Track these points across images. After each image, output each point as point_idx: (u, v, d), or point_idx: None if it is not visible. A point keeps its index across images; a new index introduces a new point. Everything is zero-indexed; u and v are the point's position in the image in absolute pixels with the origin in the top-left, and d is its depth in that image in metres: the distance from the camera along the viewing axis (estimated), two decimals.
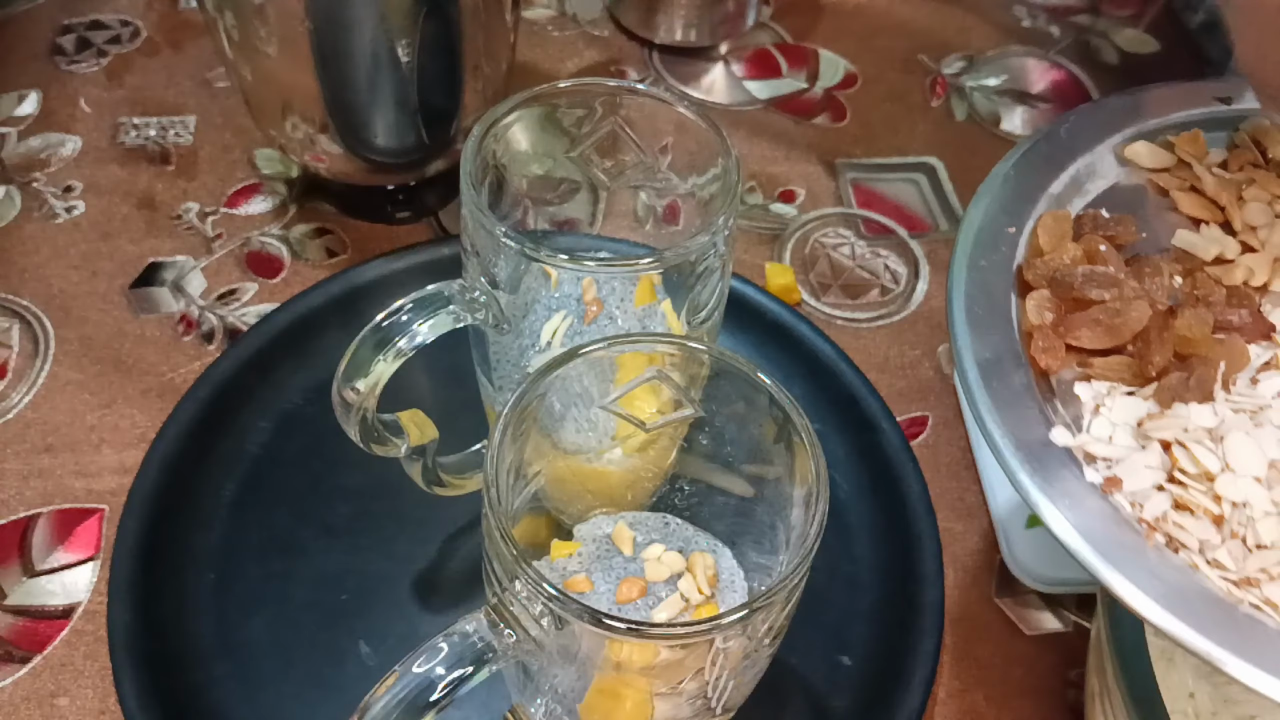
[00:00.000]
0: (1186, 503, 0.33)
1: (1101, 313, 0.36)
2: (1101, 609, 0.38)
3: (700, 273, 0.39)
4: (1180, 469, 0.33)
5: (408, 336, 0.38)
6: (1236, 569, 0.31)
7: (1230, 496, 0.32)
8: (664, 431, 0.39)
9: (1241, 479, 0.32)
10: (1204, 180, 0.41)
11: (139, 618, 0.43)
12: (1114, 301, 0.36)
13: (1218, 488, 0.32)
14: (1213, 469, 0.33)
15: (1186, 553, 0.32)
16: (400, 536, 0.47)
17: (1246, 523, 0.32)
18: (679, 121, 0.41)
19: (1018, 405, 0.34)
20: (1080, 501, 0.32)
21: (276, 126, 0.53)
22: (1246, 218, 0.41)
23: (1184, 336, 0.35)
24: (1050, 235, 0.39)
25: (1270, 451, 0.33)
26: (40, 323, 0.54)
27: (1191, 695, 0.40)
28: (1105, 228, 0.39)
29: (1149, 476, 0.33)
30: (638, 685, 0.34)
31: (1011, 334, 0.36)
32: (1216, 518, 0.32)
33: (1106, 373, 0.36)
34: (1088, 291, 0.36)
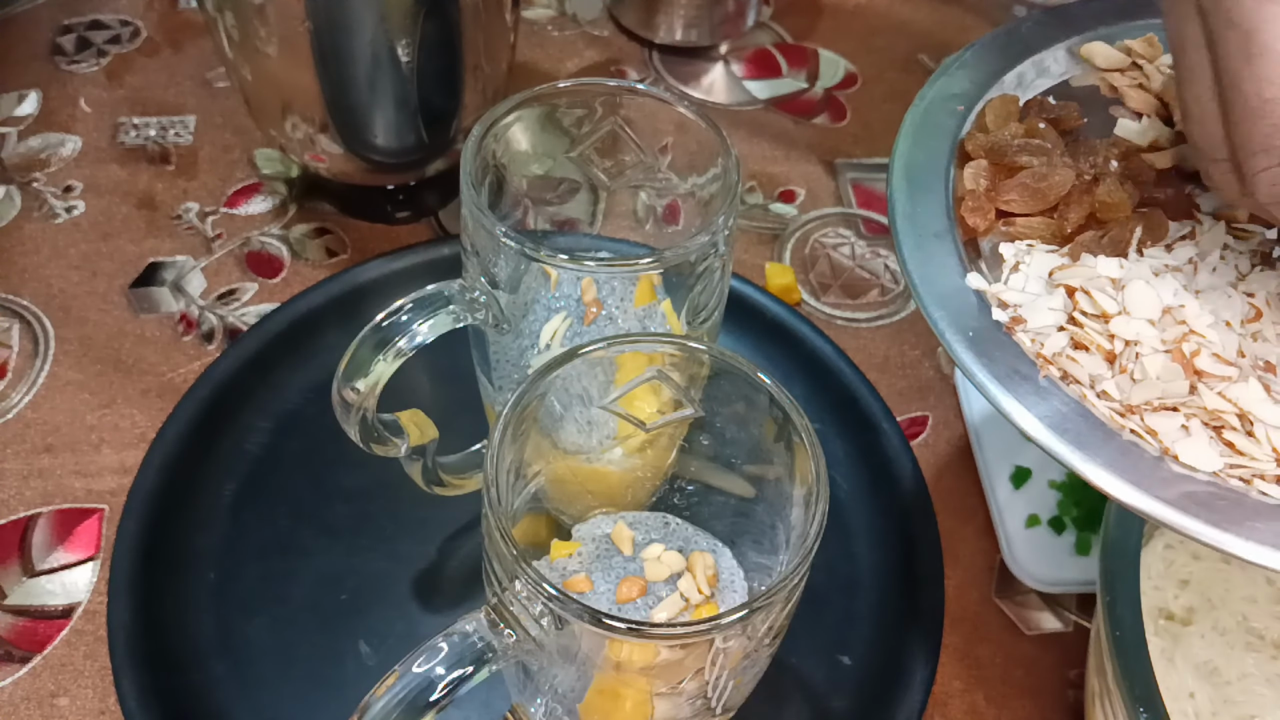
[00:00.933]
0: (1083, 341, 0.35)
1: (1028, 177, 0.38)
2: (1102, 609, 0.38)
3: (700, 273, 0.39)
4: (1081, 310, 0.35)
5: (408, 336, 0.38)
6: (1122, 398, 0.33)
7: (1123, 335, 0.34)
8: (664, 431, 0.39)
9: (1136, 321, 0.35)
10: (1151, 78, 0.43)
11: (139, 618, 0.43)
12: (1041, 166, 0.38)
13: (1112, 327, 0.34)
14: (1111, 311, 0.35)
15: (1078, 387, 0.34)
16: (400, 536, 0.47)
17: (1135, 359, 0.34)
18: (679, 121, 0.41)
19: (941, 257, 0.37)
20: (984, 336, 0.35)
21: (276, 126, 0.53)
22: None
23: (1104, 201, 0.37)
24: (996, 115, 0.41)
25: (1166, 298, 0.35)
26: (40, 323, 0.54)
27: (1191, 695, 0.40)
28: (1050, 111, 0.41)
29: (1051, 317, 0.35)
30: (638, 685, 0.34)
31: (945, 198, 0.39)
32: (1109, 354, 0.34)
33: (1027, 231, 0.38)
34: (1019, 158, 0.38)
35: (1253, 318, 0.36)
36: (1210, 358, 0.34)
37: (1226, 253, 0.38)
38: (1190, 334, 0.34)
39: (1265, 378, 0.34)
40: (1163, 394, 0.33)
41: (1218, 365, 0.34)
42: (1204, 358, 0.34)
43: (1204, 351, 0.34)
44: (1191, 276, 0.37)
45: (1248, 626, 0.42)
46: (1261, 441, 0.33)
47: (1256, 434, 0.33)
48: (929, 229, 0.38)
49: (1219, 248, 0.38)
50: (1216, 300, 0.36)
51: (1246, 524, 0.31)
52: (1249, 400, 0.33)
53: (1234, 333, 0.35)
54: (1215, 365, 0.34)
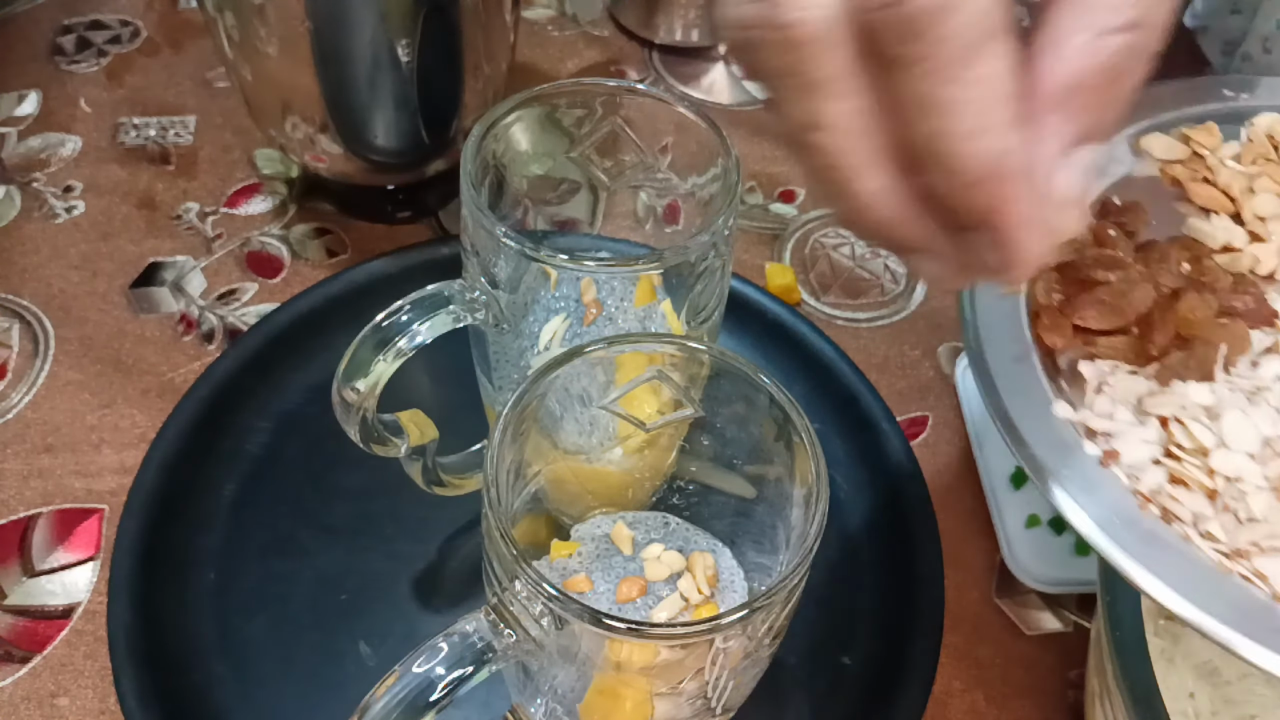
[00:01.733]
0: (1182, 476, 0.33)
1: (1106, 293, 0.36)
2: (1102, 609, 0.38)
3: (700, 273, 0.39)
4: (1176, 443, 0.34)
5: (408, 336, 0.38)
6: (1228, 540, 0.32)
7: (1224, 471, 0.33)
8: (664, 431, 0.39)
9: (1235, 454, 0.33)
10: (1216, 171, 0.42)
11: (139, 618, 0.43)
12: (1119, 283, 0.37)
13: (1212, 462, 0.33)
14: (1208, 444, 0.33)
15: (1180, 525, 0.33)
16: (400, 536, 0.47)
17: (1239, 496, 0.32)
18: (679, 121, 0.41)
19: (1023, 382, 0.35)
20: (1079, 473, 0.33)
21: (276, 126, 0.53)
22: (1256, 209, 0.41)
23: (1186, 318, 0.36)
24: None
25: (1265, 429, 0.34)
26: (40, 323, 0.54)
27: (1191, 695, 0.40)
28: (1116, 214, 0.40)
29: (1146, 450, 0.34)
30: (638, 685, 0.34)
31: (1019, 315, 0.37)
32: (1210, 491, 0.33)
33: (1109, 352, 0.37)
34: (1094, 272, 0.37)
35: None
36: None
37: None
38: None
39: None
40: (1270, 534, 0.32)
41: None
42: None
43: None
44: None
45: None
46: None
47: None
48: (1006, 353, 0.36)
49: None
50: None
51: None
52: None
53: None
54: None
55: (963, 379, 0.55)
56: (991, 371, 0.35)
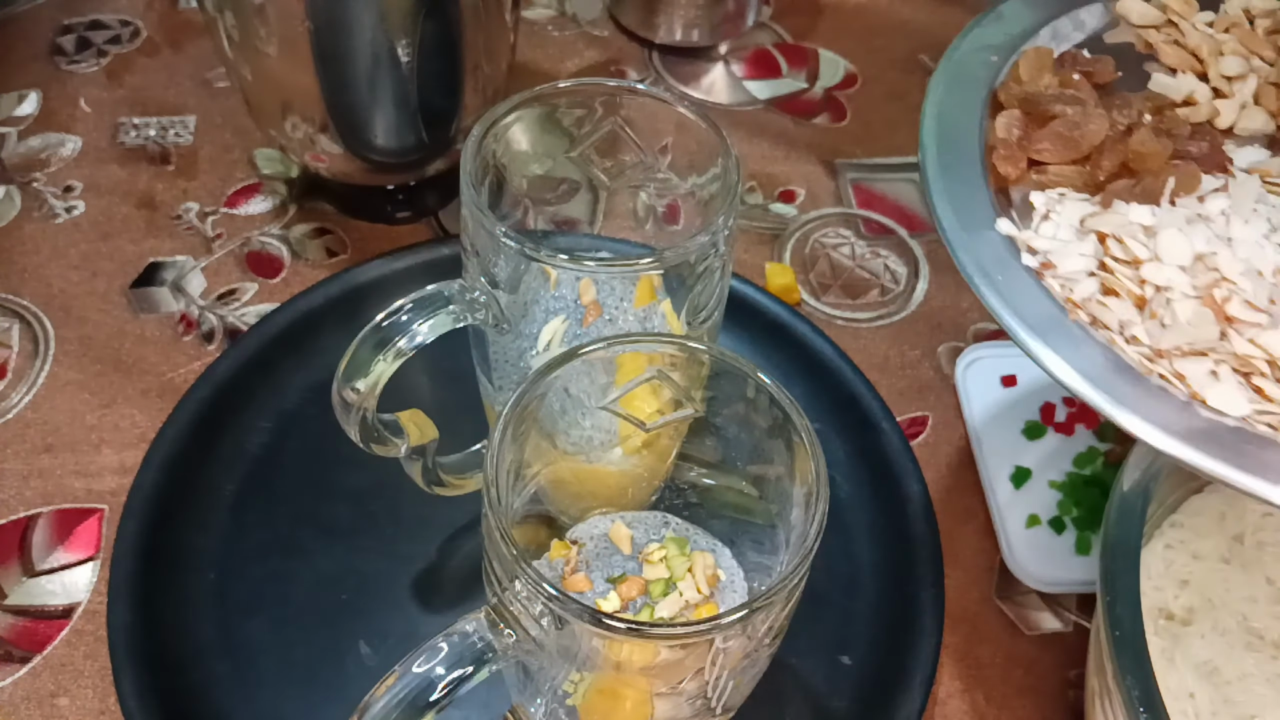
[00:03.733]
0: (1113, 287, 0.35)
1: (1062, 125, 0.38)
2: (1102, 609, 0.38)
3: (700, 273, 0.39)
4: (1112, 256, 0.35)
5: (408, 336, 0.38)
6: (1151, 343, 0.34)
7: (1154, 280, 0.34)
8: (664, 431, 0.39)
9: (1167, 266, 0.35)
10: (1188, 35, 0.44)
11: (139, 618, 0.43)
12: (1075, 115, 0.38)
13: (1143, 273, 0.35)
14: (1142, 257, 0.35)
15: (1107, 332, 0.34)
16: (400, 536, 0.47)
17: (1166, 304, 0.34)
18: (679, 121, 0.41)
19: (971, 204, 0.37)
20: (1013, 282, 0.35)
21: (276, 126, 0.53)
22: (1223, 69, 0.43)
23: (1137, 151, 0.38)
24: (1031, 67, 0.41)
25: (1198, 245, 0.35)
26: (40, 323, 0.54)
27: (1191, 695, 0.40)
28: (1084, 64, 0.41)
29: (1081, 263, 0.35)
30: (638, 685, 0.34)
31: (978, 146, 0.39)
32: (1139, 299, 0.34)
33: (1059, 179, 0.38)
34: (1053, 107, 0.38)
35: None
36: (1241, 304, 0.34)
37: (1259, 205, 0.38)
38: (1222, 280, 0.34)
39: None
40: (1192, 340, 0.33)
41: (1249, 312, 0.34)
42: (1235, 304, 0.34)
43: (1235, 298, 0.34)
44: (1225, 227, 0.37)
45: (1248, 626, 0.42)
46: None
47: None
48: (959, 176, 0.38)
49: (1252, 201, 0.38)
50: (1249, 250, 0.36)
51: (1274, 468, 0.31)
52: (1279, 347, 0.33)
53: (1266, 281, 0.35)
54: (1246, 312, 0.34)
55: (963, 379, 0.55)
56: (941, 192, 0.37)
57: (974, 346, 0.56)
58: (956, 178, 0.38)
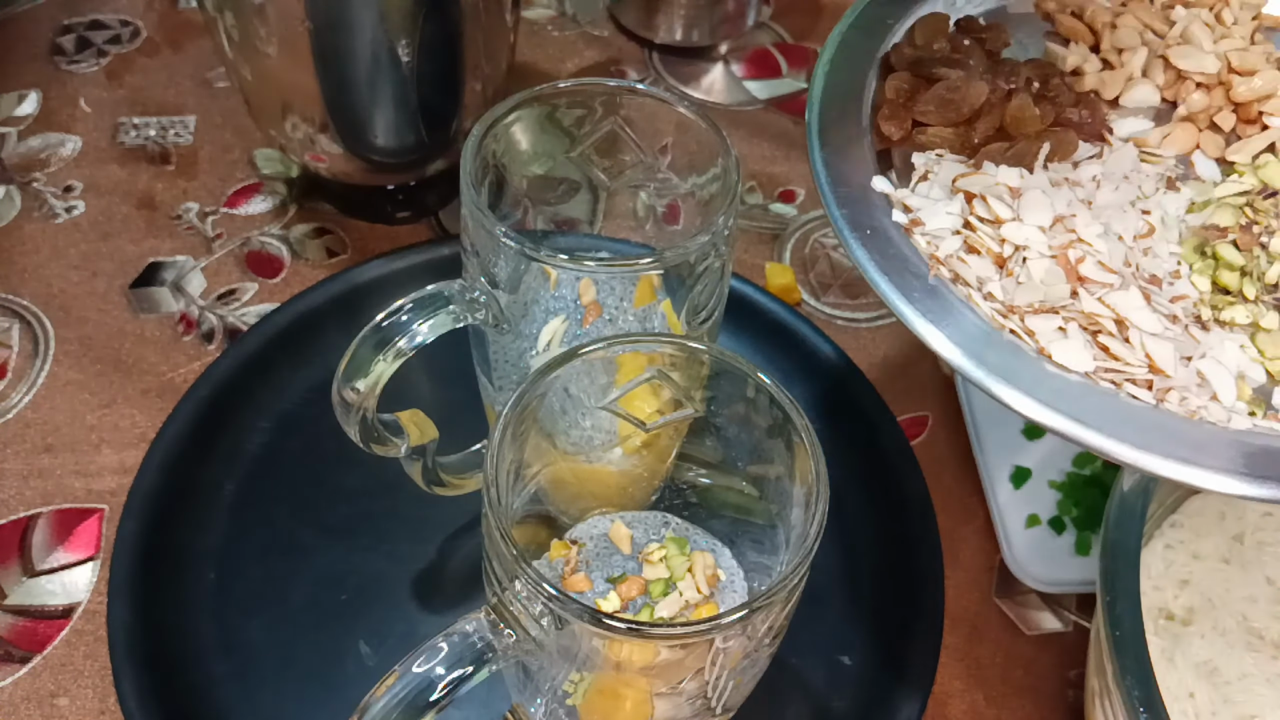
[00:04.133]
0: (975, 244, 0.36)
1: (944, 88, 0.39)
2: (1101, 609, 0.38)
3: (700, 273, 0.39)
4: (977, 215, 0.36)
5: (408, 336, 0.38)
6: (1005, 299, 0.35)
7: (1013, 239, 0.35)
8: (664, 431, 0.39)
9: (1026, 227, 0.36)
10: (1085, 7, 0.45)
11: (139, 618, 0.43)
12: (957, 80, 0.39)
13: (1004, 232, 0.36)
14: (1005, 216, 0.36)
15: (966, 288, 0.35)
16: (400, 536, 0.47)
17: (1022, 264, 0.35)
18: (679, 121, 0.41)
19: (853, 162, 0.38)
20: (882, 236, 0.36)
21: (276, 126, 0.53)
22: (1115, 41, 0.44)
23: (1014, 115, 0.39)
24: (926, 31, 0.42)
25: (1060, 208, 0.36)
26: (40, 323, 0.54)
27: (1191, 695, 0.40)
28: (978, 31, 0.42)
29: (948, 221, 0.36)
30: (638, 685, 0.34)
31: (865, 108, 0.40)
32: (999, 258, 0.35)
33: (936, 140, 0.39)
34: (937, 70, 0.39)
35: (1145, 233, 0.37)
36: (1095, 265, 0.35)
37: (1132, 174, 0.39)
38: (1077, 241, 0.35)
39: (1148, 288, 0.35)
40: (1044, 297, 0.34)
41: (1101, 273, 0.35)
42: (1088, 265, 0.35)
43: (1089, 259, 0.35)
44: (1093, 192, 0.38)
45: (1248, 626, 0.42)
46: (1135, 347, 0.34)
47: (1132, 340, 0.34)
48: (845, 133, 0.39)
49: (1125, 169, 0.39)
50: (1112, 215, 0.37)
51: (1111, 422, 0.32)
52: (1127, 307, 0.34)
53: (1123, 245, 0.36)
54: (1098, 272, 0.35)
55: (963, 379, 0.55)
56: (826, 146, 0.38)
57: None
58: (841, 135, 0.39)
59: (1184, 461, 0.32)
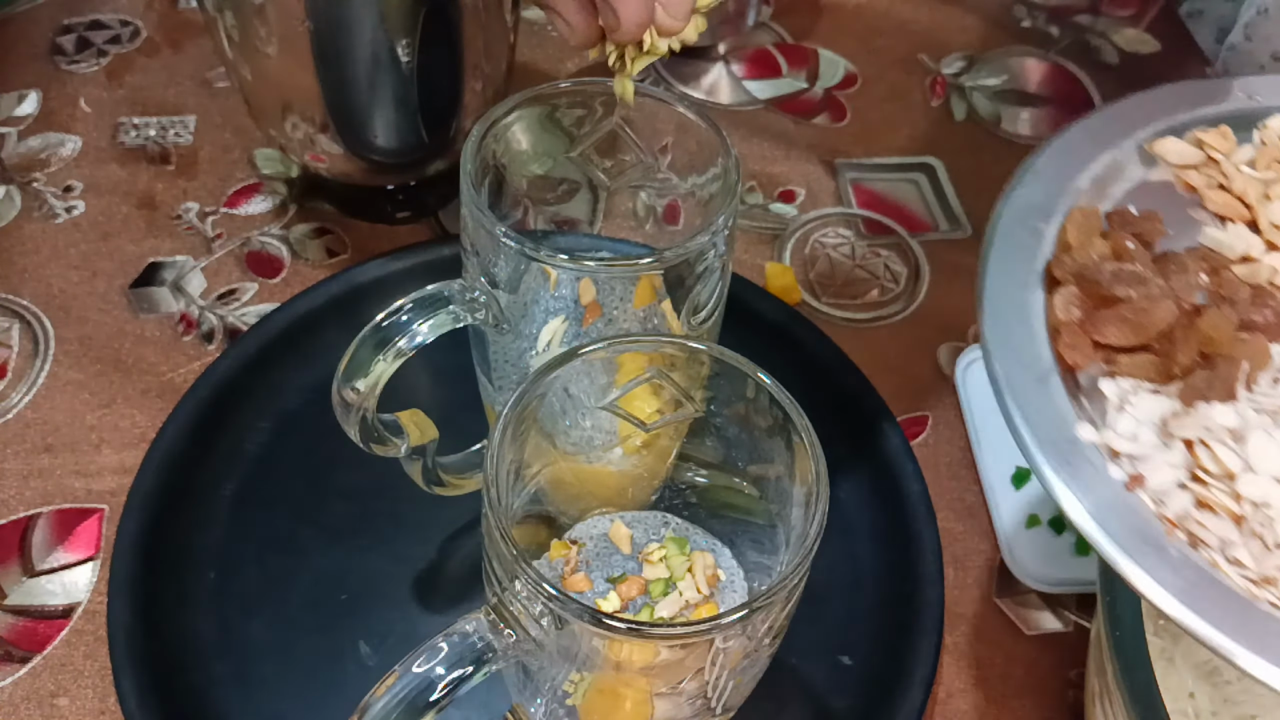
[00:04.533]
0: (1208, 501, 0.33)
1: (1128, 310, 0.36)
2: (1101, 609, 0.38)
3: (700, 273, 0.39)
4: (1202, 467, 0.33)
5: (408, 336, 0.38)
6: (1256, 567, 0.32)
7: (1251, 496, 0.32)
8: (664, 431, 0.39)
9: (1261, 478, 0.33)
10: (1231, 177, 0.41)
11: (139, 618, 0.43)
12: (1140, 300, 0.36)
13: (1238, 487, 0.33)
14: (1234, 468, 0.33)
15: (1207, 550, 0.32)
16: (400, 536, 0.47)
17: (1266, 522, 0.32)
18: (679, 121, 0.41)
19: (1044, 401, 0.35)
20: (1104, 498, 0.33)
21: (276, 126, 0.53)
22: (1272, 216, 0.41)
23: (1208, 335, 0.35)
24: (1079, 231, 0.39)
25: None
26: (40, 323, 0.54)
27: (1191, 695, 0.40)
28: (1133, 224, 0.39)
29: (1172, 475, 0.33)
30: (638, 685, 0.34)
31: (1039, 331, 0.37)
32: (1237, 516, 0.33)
33: (1132, 370, 0.36)
34: (1115, 289, 0.36)
35: None
36: None
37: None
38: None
39: None
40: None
41: None
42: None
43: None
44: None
45: None
46: None
47: None
48: (1025, 370, 0.35)
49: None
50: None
51: None
52: None
53: None
54: None
55: (963, 379, 0.55)
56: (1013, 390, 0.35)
57: (974, 346, 0.56)
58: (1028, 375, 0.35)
59: None
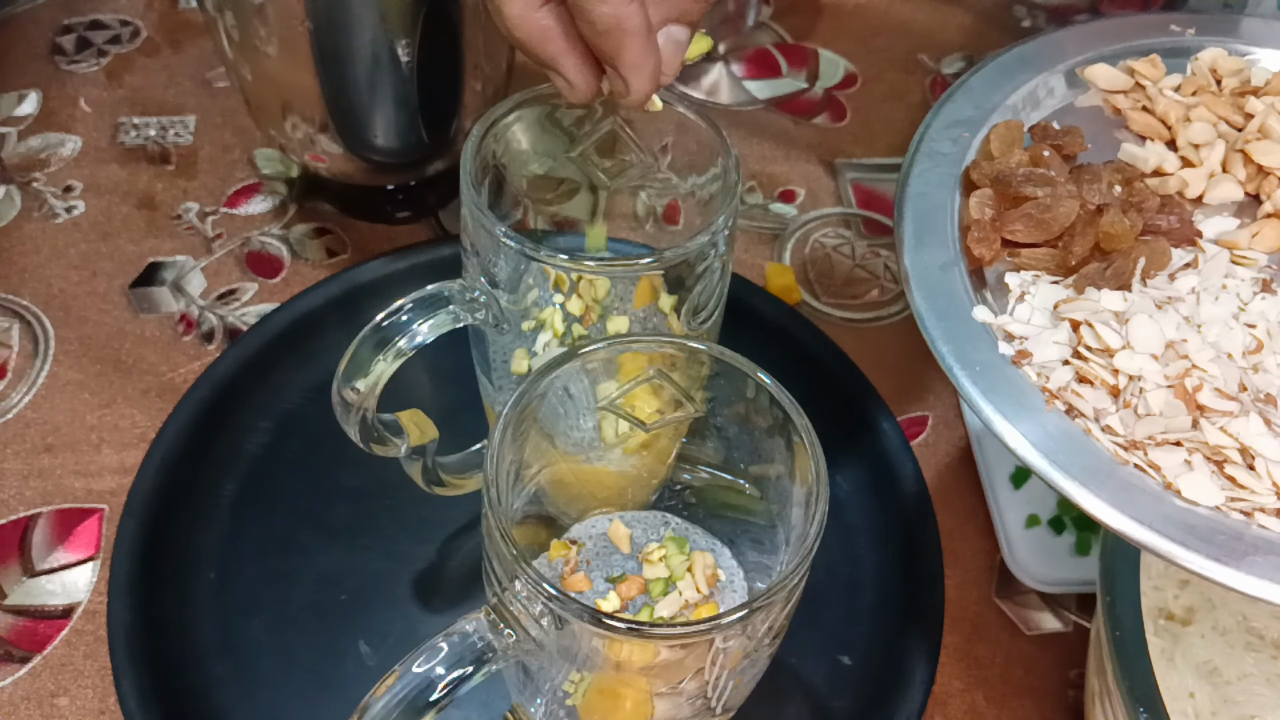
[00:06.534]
0: (1088, 375, 0.35)
1: (1033, 208, 0.38)
2: (1102, 609, 0.38)
3: (700, 273, 0.39)
4: (1086, 345, 0.36)
5: (408, 336, 0.38)
6: (1126, 433, 0.34)
7: (1127, 369, 0.35)
8: (664, 431, 0.39)
9: (1139, 355, 0.35)
10: (1155, 101, 0.44)
11: (139, 618, 0.43)
12: (1046, 198, 0.38)
13: (1116, 362, 0.35)
14: (1114, 345, 0.35)
15: (1083, 420, 0.35)
16: (400, 536, 0.47)
17: (1139, 394, 0.34)
18: (679, 121, 0.41)
19: (946, 287, 0.38)
20: (991, 369, 0.36)
21: (276, 126, 0.53)
22: (1190, 136, 0.43)
23: (1107, 232, 0.38)
24: (1001, 141, 0.41)
25: (1169, 333, 0.36)
26: (40, 323, 0.54)
27: (1191, 695, 0.40)
28: (1054, 137, 0.42)
29: (1056, 351, 0.36)
30: (638, 685, 0.34)
31: (951, 228, 0.39)
32: (1113, 389, 0.35)
33: (1032, 262, 0.39)
34: (1024, 189, 0.39)
35: (1254, 349, 0.36)
36: (1212, 392, 0.34)
37: (1229, 281, 0.38)
38: (1193, 369, 0.35)
39: (1266, 411, 0.34)
40: (1165, 429, 0.34)
41: (1219, 400, 0.34)
42: (1206, 393, 0.34)
43: (1206, 386, 0.34)
44: (1195, 307, 0.37)
45: (1248, 626, 0.42)
46: (1262, 476, 0.33)
47: (1257, 468, 0.33)
48: (936, 260, 0.38)
49: (1221, 277, 0.38)
50: (1219, 332, 0.36)
51: (1247, 558, 0.31)
52: (1250, 435, 0.33)
53: (1235, 365, 0.35)
54: (1217, 400, 0.34)
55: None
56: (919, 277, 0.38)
57: None
58: (933, 262, 0.38)
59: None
